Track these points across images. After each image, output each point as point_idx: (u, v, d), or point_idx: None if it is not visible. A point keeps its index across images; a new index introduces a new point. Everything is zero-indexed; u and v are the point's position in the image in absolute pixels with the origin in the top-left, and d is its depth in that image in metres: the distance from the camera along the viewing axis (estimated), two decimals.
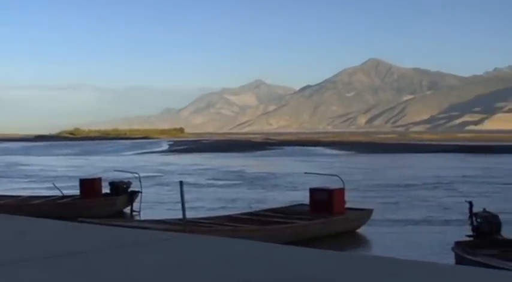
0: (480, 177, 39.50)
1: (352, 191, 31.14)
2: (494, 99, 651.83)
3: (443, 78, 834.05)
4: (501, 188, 33.09)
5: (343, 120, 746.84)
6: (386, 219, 22.32)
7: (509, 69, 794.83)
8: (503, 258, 11.84)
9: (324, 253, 5.56)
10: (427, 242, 17.93)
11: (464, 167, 50.22)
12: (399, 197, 29.07)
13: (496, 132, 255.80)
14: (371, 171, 46.89)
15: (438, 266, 5.42)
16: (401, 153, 76.24)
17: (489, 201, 27.20)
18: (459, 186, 34.07)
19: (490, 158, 64.82)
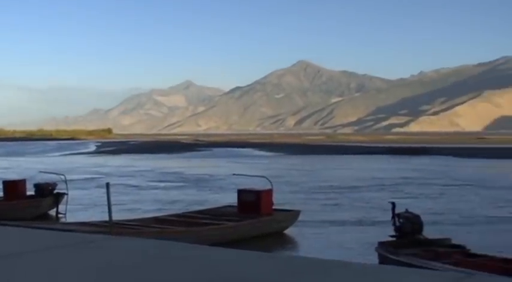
0: (421, 179, 40.22)
1: (297, 193, 31.39)
2: (419, 102, 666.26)
3: (371, 81, 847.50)
4: (443, 189, 33.63)
5: (272, 122, 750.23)
6: (315, 220, 22.51)
7: (434, 73, 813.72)
8: (424, 257, 12.13)
9: (250, 254, 5.58)
10: (352, 242, 18.19)
11: (401, 168, 51.10)
12: (343, 198, 29.20)
13: (421, 134, 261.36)
14: (310, 172, 47.14)
15: (361, 265, 5.49)
16: (330, 154, 77.07)
17: (433, 202, 27.84)
18: (404, 187, 34.47)
19: (420, 159, 66.21)
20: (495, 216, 23.63)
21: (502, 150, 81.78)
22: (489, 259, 12.11)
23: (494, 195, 30.70)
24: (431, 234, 14.81)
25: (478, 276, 4.91)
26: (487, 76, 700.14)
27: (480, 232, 20.13)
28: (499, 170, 49.45)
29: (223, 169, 45.31)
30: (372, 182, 37.11)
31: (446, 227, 20.59)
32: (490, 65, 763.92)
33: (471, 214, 24.02)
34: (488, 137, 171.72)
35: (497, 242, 17.82)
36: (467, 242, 16.35)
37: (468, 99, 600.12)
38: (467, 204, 27.09)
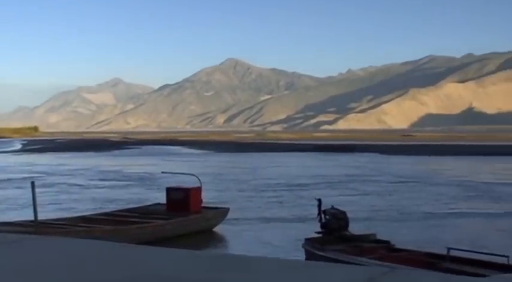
0: (362, 176, 40.79)
1: (246, 191, 31.34)
2: (347, 99, 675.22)
3: (300, 78, 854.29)
4: (387, 186, 34.13)
5: (201, 120, 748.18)
6: (246, 217, 22.60)
7: (362, 71, 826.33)
8: (350, 253, 12.34)
9: (178, 252, 5.56)
10: (281, 239, 18.33)
11: (337, 165, 51.76)
12: (291, 196, 29.32)
13: (349, 131, 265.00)
14: (252, 170, 47.18)
15: (287, 262, 5.53)
16: (260, 152, 77.33)
17: (379, 198, 28.28)
18: (348, 184, 34.88)
19: (350, 156, 67.14)
20: (432, 212, 24.16)
21: (426, 147, 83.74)
22: (413, 253, 12.40)
23: (437, 192, 31.35)
24: (366, 229, 15.10)
25: (401, 270, 5.04)
26: (412, 74, 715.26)
27: (412, 227, 20.58)
28: (429, 167, 50.56)
29: (159, 167, 44.97)
30: (318, 180, 37.39)
31: (384, 223, 21.04)
32: (415, 64, 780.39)
33: (411, 210, 24.47)
34: (413, 135, 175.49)
35: (426, 236, 18.25)
36: (399, 237, 16.74)
37: (394, 97, 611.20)
38: (410, 201, 27.63)
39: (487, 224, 21.40)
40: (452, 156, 65.71)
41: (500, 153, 70.32)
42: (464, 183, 36.00)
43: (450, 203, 26.94)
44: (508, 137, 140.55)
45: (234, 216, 21.40)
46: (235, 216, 21.71)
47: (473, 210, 24.67)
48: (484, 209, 25.28)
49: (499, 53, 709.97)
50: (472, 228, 20.79)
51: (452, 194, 30.35)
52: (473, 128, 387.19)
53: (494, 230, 20.03)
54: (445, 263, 10.93)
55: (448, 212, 24.30)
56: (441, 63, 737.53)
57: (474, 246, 14.34)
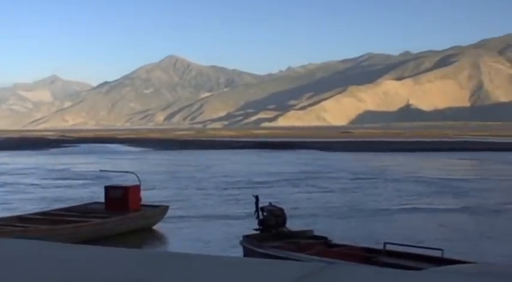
0: (315, 172, 41.03)
1: (207, 189, 31.07)
2: (287, 97, 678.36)
3: (240, 76, 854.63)
4: (350, 183, 34.40)
5: (141, 117, 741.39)
6: (188, 215, 22.55)
7: (302, 68, 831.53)
8: (288, 249, 12.42)
9: (117, 251, 5.52)
10: (220, 236, 18.36)
11: (286, 162, 52.02)
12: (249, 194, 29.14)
13: (289, 128, 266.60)
14: (204, 168, 46.98)
15: (225, 259, 5.54)
16: (201, 149, 77.19)
17: (338, 195, 28.48)
18: (306, 181, 34.99)
19: (292, 153, 67.56)
20: (385, 208, 24.46)
21: (365, 144, 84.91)
22: (350, 248, 12.56)
23: (397, 188, 31.76)
24: (306, 226, 15.19)
25: (338, 265, 5.09)
26: (351, 72, 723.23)
27: (359, 223, 20.86)
28: (377, 164, 51.27)
29: (101, 165, 44.40)
30: (277, 177, 37.40)
31: (333, 220, 21.33)
32: (354, 62, 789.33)
33: (365, 207, 24.72)
34: (352, 131, 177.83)
35: (370, 232, 18.49)
36: (342, 233, 16.95)
37: (334, 94, 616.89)
38: (370, 197, 27.95)
39: (433, 219, 21.79)
40: (390, 153, 66.77)
41: (436, 149, 71.80)
42: (421, 179, 36.54)
43: (410, 199, 27.30)
44: (443, 133, 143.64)
45: (179, 213, 21.33)
46: (181, 214, 21.65)
47: (428, 206, 25.07)
48: (441, 204, 25.71)
49: (435, 51, 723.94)
50: (416, 223, 21.15)
51: (414, 190, 30.72)
52: (410, 125, 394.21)
53: (436, 225, 20.41)
54: (382, 257, 11.11)
55: (401, 207, 24.63)
56: (379, 61, 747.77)
57: (413, 241, 14.60)
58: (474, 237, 18.10)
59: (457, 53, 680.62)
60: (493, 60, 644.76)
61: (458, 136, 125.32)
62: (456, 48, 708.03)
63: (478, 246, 16.65)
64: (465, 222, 21.26)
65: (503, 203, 25.92)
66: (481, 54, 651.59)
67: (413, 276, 4.95)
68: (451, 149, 70.98)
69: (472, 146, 77.02)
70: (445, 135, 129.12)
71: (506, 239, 18.05)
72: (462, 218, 22.20)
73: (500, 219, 21.95)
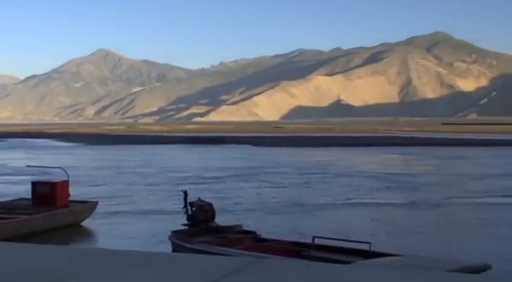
0: (265, 168, 40.98)
1: (162, 184, 30.58)
2: (219, 92, 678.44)
3: (172, 70, 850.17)
4: (299, 178, 34.38)
5: (71, 111, 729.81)
6: (120, 211, 22.34)
7: (234, 64, 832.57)
8: (217, 244, 12.42)
9: (44, 248, 5.43)
10: (148, 231, 18.24)
11: (231, 157, 51.96)
12: (200, 189, 28.83)
13: (221, 123, 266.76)
14: (146, 162, 46.40)
15: (153, 254, 5.49)
16: (131, 144, 76.49)
17: (298, 190, 28.44)
18: (262, 177, 34.89)
19: (228, 148, 67.59)
20: (327, 203, 24.63)
21: (297, 139, 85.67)
22: (279, 243, 12.65)
23: (348, 183, 31.97)
24: (240, 221, 15.21)
25: (267, 260, 5.10)
26: (283, 67, 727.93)
27: (296, 218, 20.98)
28: (316, 159, 51.70)
29: (37, 161, 43.50)
30: (226, 172, 37.22)
31: (273, 215, 21.35)
32: (286, 57, 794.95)
33: (308, 202, 24.80)
34: (284, 126, 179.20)
35: (305, 226, 18.60)
36: (276, 228, 17.01)
37: (266, 89, 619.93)
38: (320, 192, 28.10)
39: (370, 214, 22.04)
40: (322, 148, 67.49)
41: (368, 144, 72.93)
42: (365, 174, 36.92)
43: (356, 194, 27.54)
44: (373, 129, 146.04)
45: (113, 209, 21.10)
46: (115, 210, 21.43)
47: (371, 201, 25.36)
48: (384, 199, 26.00)
49: (365, 48, 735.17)
50: (351, 217, 21.41)
51: (360, 185, 30.99)
52: (340, 120, 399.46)
53: (370, 219, 20.69)
54: (310, 251, 11.21)
55: (343, 202, 24.83)
56: (311, 57, 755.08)
57: (345, 235, 14.78)
58: (403, 231, 18.44)
59: (387, 49, 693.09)
60: (421, 57, 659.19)
61: (388, 131, 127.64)
62: (385, 45, 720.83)
63: (405, 240, 16.98)
64: (400, 216, 21.61)
65: (444, 197, 26.38)
66: (410, 51, 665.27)
67: (341, 269, 5.00)
68: (382, 144, 72.21)
69: (401, 141, 78.52)
70: (375, 131, 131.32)
71: (434, 233, 18.43)
72: (399, 212, 22.57)
73: (436, 213, 22.37)
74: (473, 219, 20.95)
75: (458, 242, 16.84)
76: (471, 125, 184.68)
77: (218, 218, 15.53)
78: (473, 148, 66.13)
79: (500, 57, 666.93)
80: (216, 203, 23.55)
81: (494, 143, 74.20)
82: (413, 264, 9.61)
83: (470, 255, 14.58)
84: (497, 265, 11.93)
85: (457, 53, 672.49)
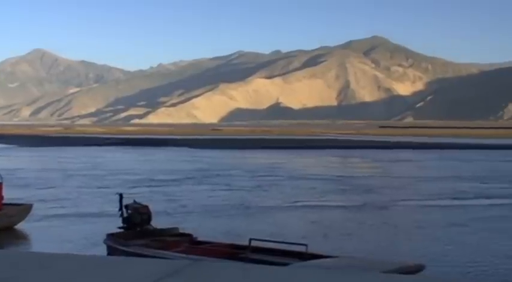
0: (215, 170, 40.69)
1: (116, 187, 29.89)
2: (158, 93, 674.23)
3: (110, 71, 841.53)
4: (253, 181, 34.18)
5: (5, 112, 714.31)
6: (54, 214, 22.03)
7: (173, 65, 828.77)
8: (154, 247, 12.34)
9: None
10: (84, 235, 18.01)
11: (176, 160, 51.51)
12: (155, 192, 28.41)
13: (160, 125, 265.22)
14: (94, 165, 45.64)
15: (88, 258, 5.44)
16: (71, 146, 75.43)
17: (251, 193, 28.25)
18: (216, 179, 34.59)
19: (166, 150, 67.13)
20: (274, 206, 24.58)
21: (236, 141, 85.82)
22: (216, 245, 12.64)
23: (302, 186, 31.94)
24: (176, 224, 15.10)
25: (203, 262, 5.10)
26: (222, 70, 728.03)
27: (239, 221, 20.95)
28: (264, 161, 51.81)
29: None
30: (178, 175, 36.73)
31: (217, 218, 21.27)
32: (225, 59, 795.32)
33: (256, 205, 24.69)
34: (222, 129, 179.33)
35: (245, 229, 18.57)
36: (216, 231, 16.95)
37: (205, 91, 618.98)
38: (268, 194, 28.02)
39: (313, 216, 22.16)
40: (262, 150, 67.72)
41: (308, 147, 73.53)
42: (316, 176, 37.03)
43: (306, 197, 27.56)
44: (311, 131, 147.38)
45: (51, 212, 20.72)
46: (53, 213, 21.06)
47: (319, 203, 25.45)
48: (332, 201, 26.12)
49: (304, 51, 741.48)
50: (292, 220, 21.53)
51: (312, 187, 31.05)
52: (279, 123, 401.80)
53: (309, 222, 20.81)
54: (247, 253, 11.23)
55: (289, 205, 24.85)
56: (250, 59, 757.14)
57: (283, 237, 14.84)
58: (342, 233, 18.62)
59: (325, 53, 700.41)
60: (359, 60, 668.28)
61: (326, 134, 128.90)
62: (324, 49, 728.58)
63: (342, 242, 17.17)
64: (342, 219, 21.77)
65: (392, 200, 26.60)
66: (348, 55, 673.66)
67: (277, 271, 5.04)
68: (321, 147, 72.87)
69: (340, 144, 79.41)
70: (313, 133, 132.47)
71: (372, 235, 18.67)
72: (342, 215, 22.72)
73: (379, 216, 22.61)
74: (414, 221, 21.29)
75: (395, 243, 17.13)
76: (407, 128, 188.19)
77: (160, 220, 15.46)
78: (411, 151, 67.30)
79: (435, 62, 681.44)
80: (165, 206, 23.60)
81: (431, 146, 75.64)
82: (348, 265, 9.73)
83: (406, 256, 14.84)
84: (431, 266, 12.17)
85: (394, 58, 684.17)
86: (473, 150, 68.61)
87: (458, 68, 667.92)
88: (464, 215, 22.31)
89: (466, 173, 40.05)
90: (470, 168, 44.60)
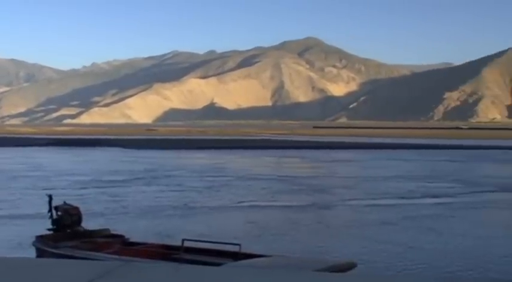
0: (161, 171, 40.15)
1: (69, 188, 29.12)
2: (91, 93, 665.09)
3: (41, 70, 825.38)
4: (200, 181, 33.81)
5: None
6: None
7: (106, 65, 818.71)
8: (85, 248, 12.19)
9: None
10: (13, 237, 17.65)
11: (122, 161, 50.78)
12: (98, 193, 27.81)
13: (93, 125, 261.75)
14: (36, 165, 44.64)
15: (17, 260, 5.36)
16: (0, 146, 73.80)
17: (201, 194, 27.97)
18: (164, 180, 34.06)
19: (101, 151, 66.26)
20: (218, 206, 24.42)
21: (171, 141, 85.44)
22: (148, 246, 12.58)
23: (247, 185, 31.79)
24: (107, 225, 14.92)
25: (136, 263, 5.09)
26: (157, 69, 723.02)
27: (174, 221, 20.82)
28: (206, 161, 51.57)
29: None
30: (126, 176, 36.15)
31: (159, 219, 21.07)
32: (159, 59, 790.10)
33: (201, 205, 24.49)
34: (157, 129, 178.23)
35: (178, 230, 18.43)
36: (152, 232, 16.83)
37: (139, 91, 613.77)
38: (217, 194, 27.84)
39: (253, 216, 22.10)
40: (198, 150, 67.55)
41: (242, 147, 73.67)
42: (263, 176, 36.85)
43: (254, 197, 27.42)
44: (246, 132, 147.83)
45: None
46: None
47: (263, 203, 25.32)
48: (278, 201, 26.01)
49: (239, 51, 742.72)
50: (231, 220, 21.47)
51: (262, 188, 30.89)
52: (214, 123, 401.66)
53: (247, 222, 20.82)
54: (180, 253, 11.22)
55: (234, 205, 24.65)
56: (185, 59, 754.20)
57: (218, 237, 14.86)
58: (278, 233, 18.66)
59: (260, 53, 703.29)
60: (293, 61, 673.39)
61: (261, 134, 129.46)
62: (259, 49, 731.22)
63: (277, 242, 17.27)
64: (281, 219, 21.77)
65: (339, 199, 26.64)
66: (282, 56, 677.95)
67: (210, 271, 5.07)
68: (258, 147, 73.13)
69: (276, 144, 79.91)
70: (248, 134, 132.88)
71: (308, 235, 18.80)
72: (282, 215, 22.70)
73: (320, 215, 22.73)
74: (350, 220, 21.49)
75: (326, 243, 17.32)
76: (341, 129, 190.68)
77: (95, 222, 15.22)
78: (348, 151, 68.12)
79: (368, 63, 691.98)
80: (105, 207, 23.30)
81: (367, 146, 76.70)
82: (281, 264, 9.81)
83: (335, 255, 15.06)
84: (362, 263, 12.38)
85: (328, 59, 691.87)
86: (409, 150, 69.92)
87: (391, 70, 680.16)
88: (399, 214, 22.66)
89: (407, 173, 40.61)
90: (410, 168, 45.30)
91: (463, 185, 33.22)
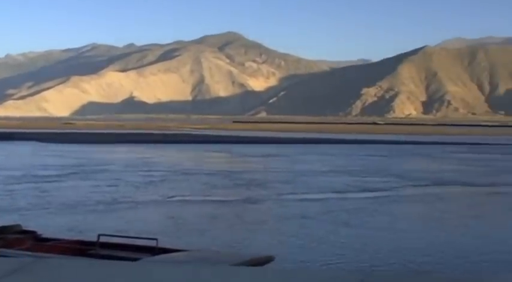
0: (92, 165, 39.21)
1: None
2: (5, 85, 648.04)
3: None
4: (137, 176, 33.07)
5: None
6: None
7: (22, 56, 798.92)
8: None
9: None
10: None
11: (47, 155, 49.31)
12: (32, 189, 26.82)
13: (7, 119, 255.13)
14: None
15: None
16: None
17: (143, 189, 27.30)
18: (101, 175, 33.22)
19: (18, 145, 64.50)
20: (146, 201, 24.04)
21: (90, 135, 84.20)
22: (63, 242, 12.34)
23: (202, 181, 31.31)
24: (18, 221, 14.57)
25: (49, 259, 4.98)
26: (74, 62, 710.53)
27: (95, 216, 20.44)
28: (126, 155, 50.70)
29: None
30: (59, 171, 34.88)
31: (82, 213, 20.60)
32: (77, 51, 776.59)
33: (126, 200, 24.05)
34: (74, 122, 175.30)
35: (98, 225, 18.08)
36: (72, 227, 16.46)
37: (56, 84, 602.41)
38: (150, 190, 27.36)
39: (177, 211, 21.89)
40: (119, 144, 66.65)
41: (164, 141, 73.22)
42: (200, 171, 36.34)
43: (187, 191, 27.02)
44: (165, 126, 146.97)
45: None
46: None
47: (194, 198, 24.97)
48: (212, 196, 25.67)
49: (159, 45, 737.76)
50: (152, 215, 21.21)
51: (200, 182, 30.51)
52: (133, 117, 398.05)
53: (168, 217, 20.67)
54: (96, 249, 11.08)
55: (163, 200, 24.24)
56: (103, 52, 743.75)
57: (136, 232, 14.73)
58: (197, 228, 18.58)
59: (180, 47, 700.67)
60: (214, 56, 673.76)
61: (181, 128, 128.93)
62: (179, 43, 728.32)
63: (196, 236, 17.24)
64: (205, 213, 21.54)
65: (267, 194, 26.46)
66: (203, 50, 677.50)
67: (126, 266, 5.02)
68: (179, 141, 72.68)
69: (198, 139, 79.68)
70: (168, 128, 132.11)
71: (228, 230, 18.80)
72: (207, 209, 22.50)
73: (248, 210, 22.73)
74: (275, 215, 21.58)
75: (249, 237, 17.41)
76: (261, 123, 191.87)
77: (9, 218, 14.76)
78: (268, 145, 68.23)
79: (288, 59, 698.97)
80: (26, 203, 22.70)
81: (288, 141, 77.27)
82: (198, 258, 9.82)
83: (252, 249, 15.18)
84: (280, 257, 12.50)
85: (249, 53, 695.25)
86: (331, 145, 70.68)
87: (310, 65, 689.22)
88: (323, 208, 22.79)
89: (339, 168, 40.53)
90: (340, 162, 45.39)
91: (398, 179, 33.57)
